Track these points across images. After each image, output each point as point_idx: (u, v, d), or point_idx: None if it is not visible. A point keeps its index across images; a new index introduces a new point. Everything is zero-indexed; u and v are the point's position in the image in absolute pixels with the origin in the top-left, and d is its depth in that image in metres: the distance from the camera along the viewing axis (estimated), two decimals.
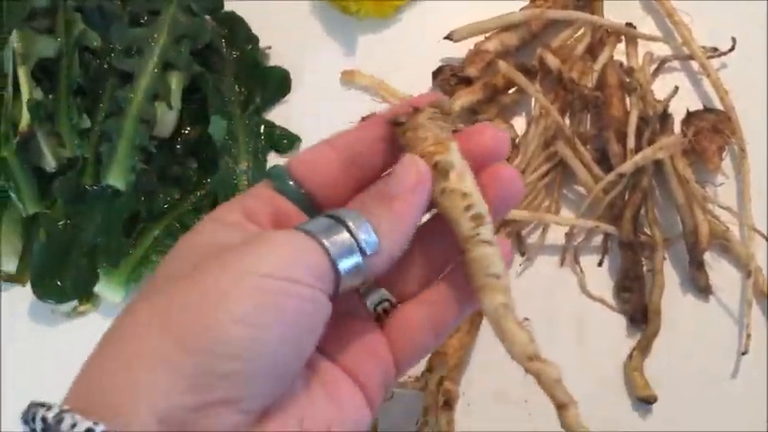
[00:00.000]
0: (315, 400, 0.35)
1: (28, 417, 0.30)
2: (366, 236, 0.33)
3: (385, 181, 0.37)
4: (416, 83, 0.66)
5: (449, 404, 0.54)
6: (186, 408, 0.29)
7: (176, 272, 0.33)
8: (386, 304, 0.39)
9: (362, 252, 0.33)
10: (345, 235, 0.33)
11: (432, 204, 0.37)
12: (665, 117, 0.61)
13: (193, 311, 0.30)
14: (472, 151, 0.37)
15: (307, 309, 0.32)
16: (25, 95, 0.59)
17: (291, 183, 0.38)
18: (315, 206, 0.38)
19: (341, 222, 0.34)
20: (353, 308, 0.39)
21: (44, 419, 0.29)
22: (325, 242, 0.33)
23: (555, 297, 0.61)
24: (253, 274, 0.31)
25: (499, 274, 0.34)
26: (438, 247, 0.40)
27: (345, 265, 0.33)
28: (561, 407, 0.33)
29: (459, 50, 0.66)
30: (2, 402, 0.59)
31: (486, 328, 0.58)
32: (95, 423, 0.28)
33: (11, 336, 0.61)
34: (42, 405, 0.29)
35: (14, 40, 0.59)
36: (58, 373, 0.57)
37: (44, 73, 0.61)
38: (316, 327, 0.33)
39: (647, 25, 0.69)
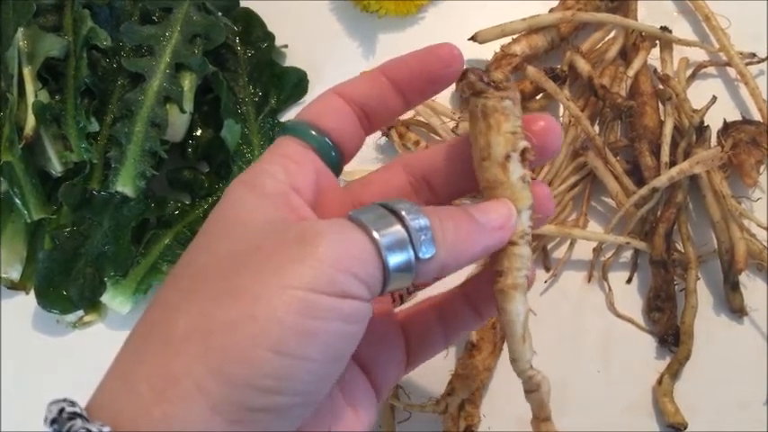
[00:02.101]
0: (337, 410, 0.35)
1: (62, 428, 0.28)
2: (423, 239, 0.31)
3: (472, 204, 0.35)
4: None
5: (470, 429, 0.52)
6: None
7: (217, 256, 0.31)
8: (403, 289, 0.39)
9: (416, 256, 0.31)
10: (401, 232, 0.31)
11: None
12: (702, 128, 0.58)
13: (236, 335, 0.28)
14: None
15: (350, 331, 0.30)
16: (30, 97, 0.56)
17: (314, 132, 0.36)
18: (338, 155, 0.37)
19: (401, 221, 0.31)
20: None
21: None
22: (378, 237, 0.30)
23: (581, 315, 0.58)
24: (300, 290, 0.28)
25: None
26: None
27: (396, 269, 0.31)
28: None
29: (485, 53, 0.63)
30: (2, 415, 0.57)
31: (506, 350, 0.56)
32: None
33: (14, 345, 0.59)
34: (78, 416, 0.28)
35: (20, 38, 0.57)
36: (62, 385, 0.55)
37: (50, 73, 0.58)
38: (355, 345, 0.31)
39: (682, 28, 0.66)
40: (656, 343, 0.57)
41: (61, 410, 0.28)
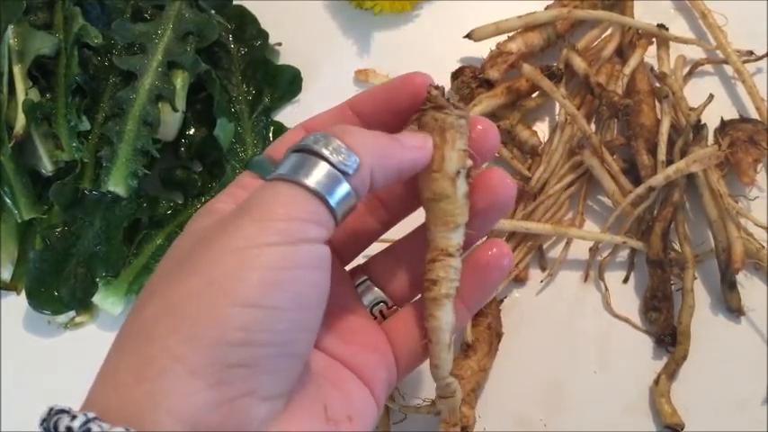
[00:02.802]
0: (327, 392, 0.36)
1: (50, 425, 0.28)
2: (343, 156, 0.32)
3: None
4: None
5: (466, 430, 0.51)
6: (210, 405, 0.29)
7: (175, 255, 0.33)
8: (381, 305, 0.41)
9: (345, 174, 0.32)
10: (320, 162, 0.32)
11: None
12: (699, 127, 0.57)
13: (199, 301, 0.29)
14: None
15: (312, 277, 0.31)
16: (21, 95, 0.56)
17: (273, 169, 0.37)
18: None
19: (315, 154, 0.32)
20: (351, 305, 0.40)
21: (69, 429, 0.28)
22: (302, 180, 0.32)
23: (577, 315, 0.58)
24: (250, 248, 0.30)
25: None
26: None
27: (336, 197, 0.32)
28: None
29: (480, 50, 0.63)
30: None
31: (502, 350, 0.55)
32: (127, 430, 0.27)
33: (5, 346, 0.58)
34: (64, 411, 0.28)
35: (10, 36, 0.56)
36: (54, 386, 0.55)
37: (41, 71, 0.58)
38: (322, 294, 0.32)
39: (678, 26, 0.66)
40: (653, 343, 0.57)
41: (50, 410, 0.29)
